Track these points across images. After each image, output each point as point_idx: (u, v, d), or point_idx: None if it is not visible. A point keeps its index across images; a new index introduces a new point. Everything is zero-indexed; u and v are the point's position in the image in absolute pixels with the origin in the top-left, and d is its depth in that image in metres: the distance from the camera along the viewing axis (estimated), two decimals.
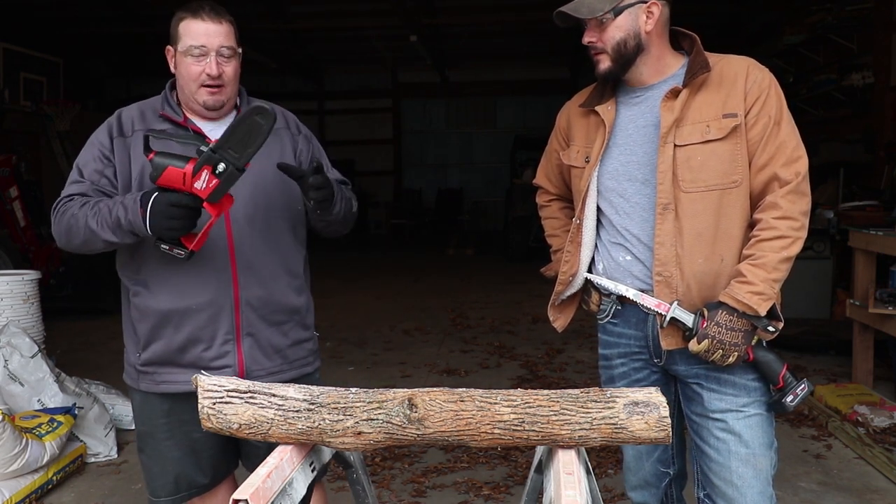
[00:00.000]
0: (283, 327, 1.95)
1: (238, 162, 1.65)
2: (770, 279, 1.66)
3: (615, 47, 1.73)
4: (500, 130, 15.64)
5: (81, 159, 1.90)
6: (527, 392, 1.30)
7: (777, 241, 1.67)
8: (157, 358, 1.89)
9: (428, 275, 10.12)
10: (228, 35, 1.85)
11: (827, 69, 8.34)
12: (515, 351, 5.77)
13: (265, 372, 1.91)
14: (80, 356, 5.57)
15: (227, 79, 1.85)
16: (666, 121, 1.72)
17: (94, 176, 1.87)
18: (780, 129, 1.69)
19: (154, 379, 1.90)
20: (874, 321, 4.22)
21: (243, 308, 1.87)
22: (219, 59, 1.83)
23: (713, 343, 1.66)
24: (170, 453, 1.94)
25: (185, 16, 1.84)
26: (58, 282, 7.39)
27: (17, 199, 7.46)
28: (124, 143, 1.87)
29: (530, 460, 1.72)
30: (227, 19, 1.87)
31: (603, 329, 1.93)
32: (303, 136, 2.04)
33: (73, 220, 1.80)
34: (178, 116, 1.89)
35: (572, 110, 1.96)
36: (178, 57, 1.85)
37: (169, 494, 1.97)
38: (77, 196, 1.85)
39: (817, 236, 6.14)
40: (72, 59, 10.99)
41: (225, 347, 1.87)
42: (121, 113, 1.93)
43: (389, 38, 11.68)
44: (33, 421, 3.27)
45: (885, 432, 3.76)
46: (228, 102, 1.91)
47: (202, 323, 1.85)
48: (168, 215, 1.66)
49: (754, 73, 1.72)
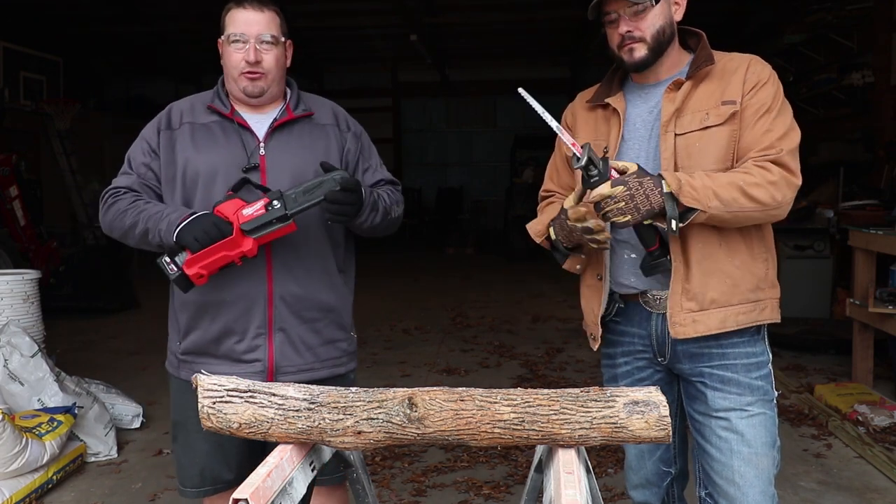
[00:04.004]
0: (317, 325, 1.93)
1: (290, 207, 1.70)
2: (712, 189, 1.61)
3: (655, 35, 1.73)
4: (500, 130, 15.62)
5: (131, 151, 1.96)
6: (527, 391, 1.30)
7: (741, 174, 1.64)
8: (195, 347, 1.92)
9: (428, 274, 10.12)
10: (270, 24, 1.87)
11: (827, 68, 8.33)
12: (515, 350, 5.77)
13: (295, 368, 1.90)
14: (80, 356, 5.57)
15: (266, 66, 1.86)
16: (667, 110, 1.73)
17: (142, 169, 1.92)
18: (769, 115, 1.69)
19: (192, 368, 1.91)
20: (874, 320, 4.22)
21: (276, 303, 1.87)
22: (258, 47, 1.84)
23: (624, 193, 1.60)
24: (199, 446, 1.94)
25: (231, 6, 1.88)
26: (58, 281, 7.40)
27: (17, 198, 7.47)
28: (171, 136, 1.91)
29: (530, 459, 1.72)
30: (272, 8, 1.89)
31: (606, 327, 1.93)
32: (352, 133, 2.02)
33: (119, 217, 1.86)
34: (226, 109, 1.91)
35: (577, 107, 1.96)
36: (223, 46, 1.89)
37: (195, 486, 1.99)
38: (125, 190, 1.90)
39: (817, 236, 6.15)
40: (72, 58, 10.98)
41: (256, 341, 1.87)
42: (171, 106, 1.97)
43: (389, 38, 11.67)
44: (33, 420, 3.27)
45: (885, 431, 3.76)
46: (271, 91, 1.91)
47: (235, 315, 1.86)
48: (201, 227, 1.71)
49: (755, 65, 1.74)
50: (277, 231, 1.73)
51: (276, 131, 1.91)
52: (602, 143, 1.84)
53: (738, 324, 1.74)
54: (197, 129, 1.91)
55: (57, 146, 9.85)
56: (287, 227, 1.73)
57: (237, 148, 1.88)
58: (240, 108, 1.93)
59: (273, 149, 1.89)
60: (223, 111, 1.91)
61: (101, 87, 13.17)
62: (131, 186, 1.90)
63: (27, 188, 8.16)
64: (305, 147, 1.91)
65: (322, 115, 1.99)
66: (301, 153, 1.89)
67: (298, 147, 1.91)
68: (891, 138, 6.94)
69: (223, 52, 1.89)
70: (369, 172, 2.04)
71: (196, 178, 1.87)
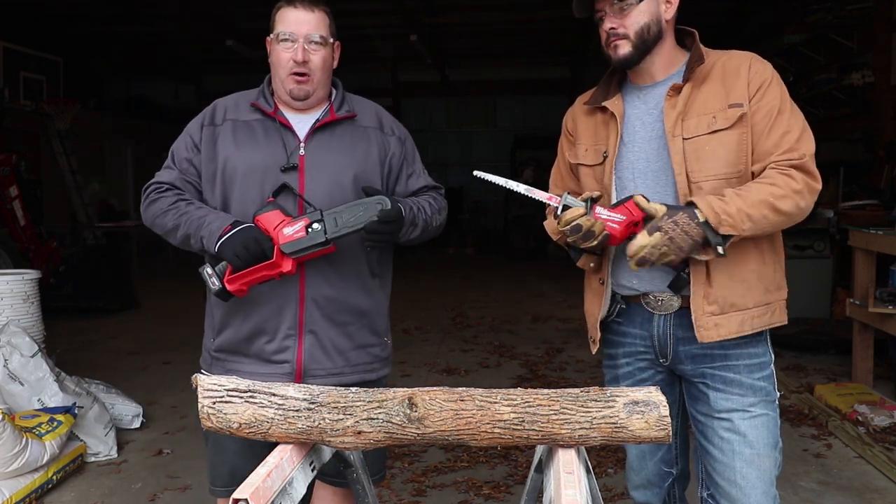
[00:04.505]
0: (349, 328, 1.90)
1: (329, 231, 1.69)
2: (745, 211, 1.62)
3: (638, 32, 1.73)
4: (500, 130, 15.63)
5: (175, 145, 1.96)
6: (527, 391, 1.30)
7: (769, 187, 1.65)
8: (227, 345, 1.91)
9: (428, 274, 10.12)
10: (320, 24, 1.87)
11: (827, 68, 8.33)
12: (515, 350, 5.77)
13: (324, 372, 1.88)
14: (80, 356, 5.57)
15: (313, 67, 1.86)
16: (669, 117, 1.73)
17: (184, 164, 1.92)
18: (783, 117, 1.70)
19: (223, 366, 1.91)
20: (874, 320, 4.22)
21: (308, 305, 1.85)
22: (306, 47, 1.84)
23: (663, 238, 1.61)
24: (229, 445, 1.92)
25: (282, 4, 1.88)
26: (58, 281, 7.40)
27: (18, 198, 7.47)
28: (213, 133, 1.91)
29: (530, 459, 1.72)
30: (322, 9, 1.89)
31: (607, 328, 1.92)
32: (396, 137, 1.99)
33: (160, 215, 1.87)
34: (269, 107, 1.91)
35: (577, 110, 1.96)
36: (271, 44, 1.88)
37: (224, 485, 1.97)
38: (167, 186, 1.90)
39: (817, 235, 6.14)
40: (72, 58, 10.98)
41: (286, 342, 1.86)
42: (217, 102, 1.97)
43: (389, 38, 11.67)
44: (33, 420, 3.27)
45: (885, 431, 3.76)
46: (317, 94, 1.90)
47: (267, 315, 1.85)
48: (242, 244, 1.71)
49: (756, 64, 1.74)
50: (317, 252, 1.73)
51: (317, 132, 1.90)
52: (602, 147, 1.84)
53: (753, 327, 1.75)
54: (239, 126, 1.90)
55: (57, 146, 9.85)
56: (326, 249, 1.72)
57: (277, 147, 1.87)
58: (284, 108, 1.92)
59: (313, 149, 1.88)
60: (266, 110, 1.91)
61: (101, 87, 13.17)
62: (173, 182, 1.91)
63: (27, 188, 8.16)
64: (346, 149, 1.89)
65: (365, 118, 1.97)
66: (340, 155, 1.88)
67: (338, 149, 1.89)
68: (891, 138, 6.94)
69: (271, 50, 1.89)
70: (413, 178, 2.01)
71: (234, 176, 1.87)
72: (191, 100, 15.01)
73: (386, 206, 1.71)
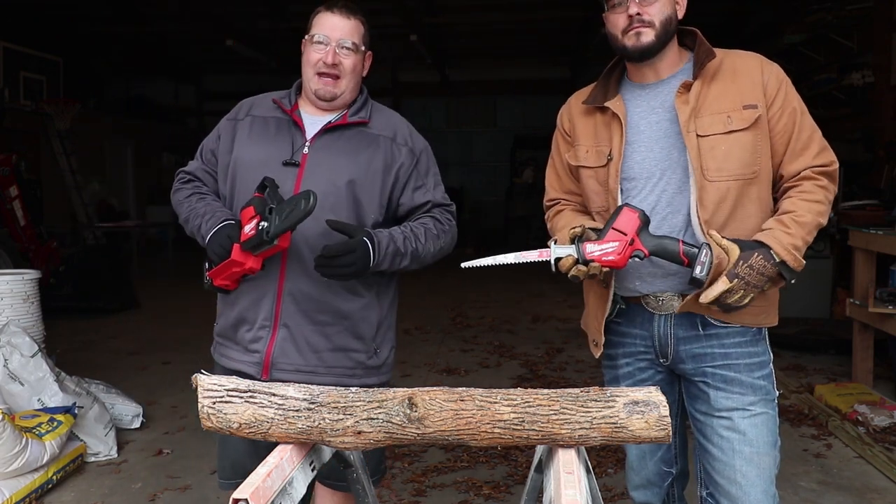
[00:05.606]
0: (327, 329, 1.88)
1: (271, 228, 1.68)
2: (806, 240, 1.68)
3: (664, 21, 1.73)
4: (500, 130, 15.64)
5: (206, 138, 2.06)
6: (527, 391, 1.30)
7: (816, 205, 1.70)
8: (221, 330, 1.98)
9: (428, 274, 10.10)
10: (354, 31, 1.91)
11: (827, 68, 8.33)
12: (515, 350, 5.77)
13: (293, 367, 1.87)
14: (80, 356, 5.56)
15: (343, 70, 1.89)
16: (683, 112, 1.72)
17: (208, 154, 2.02)
18: (806, 119, 1.74)
19: (219, 351, 1.99)
20: (874, 320, 4.22)
21: (284, 298, 1.87)
22: (337, 51, 1.88)
23: (740, 283, 1.62)
24: (232, 438, 1.92)
25: (321, 8, 1.93)
26: (58, 281, 7.40)
27: (18, 198, 7.47)
28: (234, 126, 1.98)
29: (530, 459, 1.72)
30: (359, 18, 1.93)
31: (607, 328, 1.92)
32: (408, 148, 1.96)
33: (178, 206, 1.99)
34: (288, 105, 1.95)
35: (574, 109, 1.93)
36: (306, 45, 1.92)
37: (226, 478, 2.00)
38: (189, 177, 2.03)
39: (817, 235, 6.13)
40: (72, 58, 10.99)
41: (260, 333, 1.88)
42: (246, 100, 2.04)
43: (389, 38, 11.67)
44: (33, 420, 3.27)
45: (885, 431, 3.76)
46: (343, 97, 1.92)
47: (247, 305, 1.89)
48: (218, 242, 1.79)
49: (768, 67, 1.76)
50: (272, 249, 1.71)
51: (325, 133, 1.91)
52: (605, 149, 1.82)
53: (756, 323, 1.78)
54: (256, 121, 1.95)
55: (57, 146, 9.86)
56: (276, 246, 1.70)
57: (285, 144, 1.90)
58: (305, 107, 1.95)
59: (317, 149, 1.89)
60: (284, 107, 1.94)
61: (101, 87, 13.17)
62: (194, 172, 2.02)
63: (27, 188, 8.16)
64: (349, 152, 1.90)
65: (379, 126, 1.96)
66: (342, 158, 1.88)
67: (341, 151, 1.90)
68: (891, 138, 6.94)
69: (304, 50, 1.93)
70: (420, 192, 1.97)
71: (240, 169, 1.91)
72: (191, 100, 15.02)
73: (309, 200, 1.65)
